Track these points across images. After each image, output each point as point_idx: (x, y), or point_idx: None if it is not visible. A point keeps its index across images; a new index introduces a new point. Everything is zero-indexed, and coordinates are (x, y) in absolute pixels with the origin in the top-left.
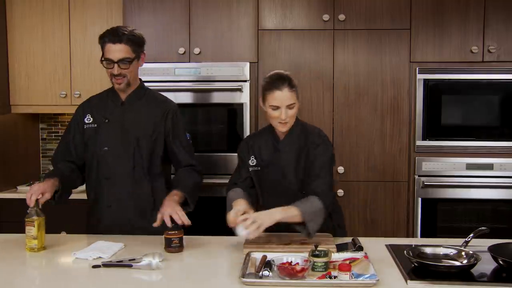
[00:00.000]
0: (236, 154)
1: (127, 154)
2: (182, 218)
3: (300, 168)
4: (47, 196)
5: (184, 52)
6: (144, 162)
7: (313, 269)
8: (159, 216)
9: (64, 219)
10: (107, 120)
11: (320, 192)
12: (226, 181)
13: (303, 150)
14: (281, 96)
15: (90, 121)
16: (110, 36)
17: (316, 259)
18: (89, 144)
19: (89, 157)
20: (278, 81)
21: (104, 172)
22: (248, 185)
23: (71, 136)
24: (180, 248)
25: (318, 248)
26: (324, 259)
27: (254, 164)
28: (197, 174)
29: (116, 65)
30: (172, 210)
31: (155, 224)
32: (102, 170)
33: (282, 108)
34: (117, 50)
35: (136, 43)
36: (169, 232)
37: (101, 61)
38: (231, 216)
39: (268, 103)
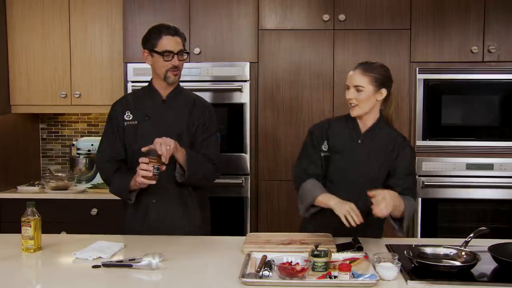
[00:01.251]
0: (236, 154)
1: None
2: (165, 152)
3: (375, 164)
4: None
5: None
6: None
7: (313, 269)
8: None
9: (64, 219)
10: (148, 118)
11: (414, 194)
12: (227, 181)
13: (384, 149)
14: (351, 75)
15: (130, 118)
16: (167, 29)
17: (316, 259)
18: (131, 141)
19: (129, 155)
20: (359, 64)
21: None
22: (321, 173)
23: (115, 135)
24: (154, 178)
25: (318, 248)
26: (324, 259)
27: (326, 149)
28: (211, 164)
29: (176, 56)
30: (163, 142)
31: (143, 149)
32: None
33: (350, 88)
34: (177, 42)
35: (185, 40)
36: (150, 157)
37: (151, 54)
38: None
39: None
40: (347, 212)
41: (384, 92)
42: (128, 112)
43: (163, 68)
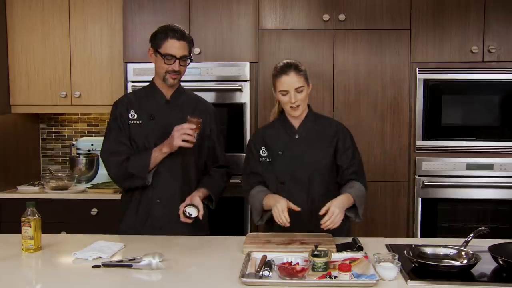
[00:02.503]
0: (236, 154)
1: (175, 152)
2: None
3: (317, 151)
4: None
5: None
6: (191, 159)
7: (313, 269)
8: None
9: (64, 219)
10: (152, 117)
11: (360, 176)
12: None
13: (321, 135)
14: (289, 80)
15: (135, 117)
16: (174, 32)
17: (316, 259)
18: (137, 140)
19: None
20: (285, 67)
21: (155, 168)
22: (263, 178)
23: (122, 133)
24: (193, 141)
25: (318, 248)
26: (324, 259)
27: (265, 154)
28: (226, 174)
29: (177, 61)
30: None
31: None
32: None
33: (291, 92)
34: (181, 47)
35: (192, 45)
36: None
37: (155, 55)
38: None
39: (278, 89)
40: (277, 215)
41: (310, 85)
42: (132, 111)
43: (163, 70)
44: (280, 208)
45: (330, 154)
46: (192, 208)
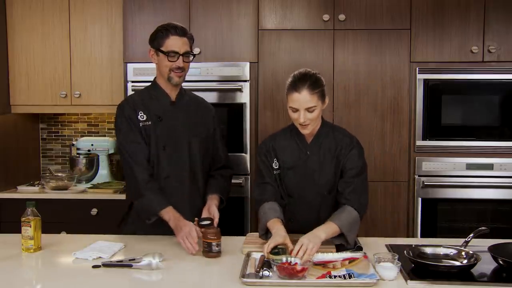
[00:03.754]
0: (236, 154)
1: (182, 154)
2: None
3: (328, 171)
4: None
5: None
6: (198, 160)
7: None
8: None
9: (64, 219)
10: (160, 119)
11: (354, 201)
12: None
13: (333, 153)
14: (300, 99)
15: (144, 119)
16: (175, 29)
17: (275, 257)
18: (148, 142)
19: None
20: (299, 82)
21: (163, 171)
22: (278, 192)
23: (137, 134)
24: (219, 253)
25: (278, 246)
26: (282, 257)
27: (277, 167)
28: (230, 175)
29: (181, 57)
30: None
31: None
32: (161, 169)
33: (301, 111)
34: (183, 43)
35: (193, 41)
36: (210, 237)
37: (157, 53)
38: (269, 249)
39: (288, 104)
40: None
41: (327, 100)
42: (141, 113)
43: (167, 68)
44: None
45: (339, 172)
46: (206, 221)
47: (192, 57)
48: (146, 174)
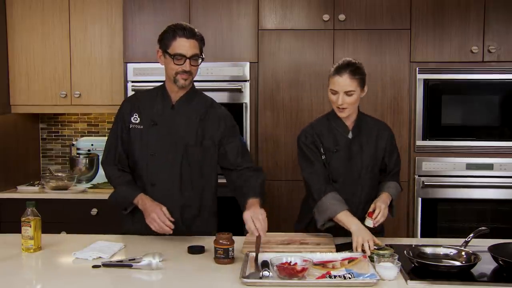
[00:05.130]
0: None
1: (174, 161)
2: (260, 227)
3: (368, 153)
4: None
5: None
6: (192, 170)
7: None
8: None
9: (64, 219)
10: (154, 123)
11: (398, 174)
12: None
13: (373, 136)
14: (340, 81)
15: (137, 122)
16: (184, 30)
17: (381, 252)
18: (135, 146)
19: (133, 160)
20: (342, 67)
21: (150, 178)
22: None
23: (118, 138)
24: (233, 259)
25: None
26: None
27: (323, 152)
28: (259, 173)
29: (188, 61)
30: (255, 217)
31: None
32: (148, 176)
33: (340, 94)
34: (192, 46)
35: (203, 43)
36: (223, 242)
37: (164, 56)
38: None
39: (329, 87)
40: (366, 242)
41: (366, 89)
42: (136, 115)
43: (173, 71)
44: (368, 238)
45: (379, 154)
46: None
47: (201, 60)
48: (115, 170)
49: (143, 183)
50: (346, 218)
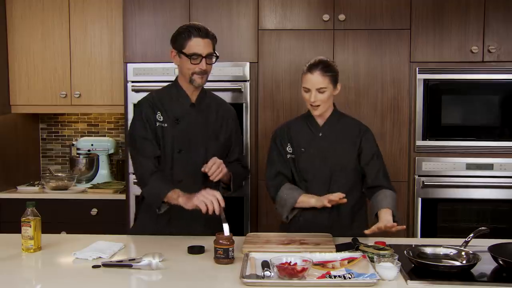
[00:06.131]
0: None
1: (198, 157)
2: (214, 170)
3: (340, 151)
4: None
5: None
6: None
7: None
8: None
9: (64, 219)
10: (178, 121)
11: (388, 184)
12: None
13: (345, 135)
14: (312, 79)
15: (161, 120)
16: (198, 30)
17: (381, 252)
18: (160, 144)
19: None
20: (314, 65)
21: (176, 174)
22: (290, 179)
23: (149, 132)
24: (232, 259)
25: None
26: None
27: (291, 151)
28: (247, 170)
29: (204, 60)
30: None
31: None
32: (174, 173)
33: (312, 91)
34: (206, 45)
35: (215, 42)
36: (223, 242)
37: (179, 55)
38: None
39: (302, 85)
40: (326, 198)
41: (339, 87)
42: (159, 113)
43: (190, 70)
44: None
45: (353, 154)
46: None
47: (215, 59)
48: (152, 166)
49: (170, 180)
50: (305, 199)
